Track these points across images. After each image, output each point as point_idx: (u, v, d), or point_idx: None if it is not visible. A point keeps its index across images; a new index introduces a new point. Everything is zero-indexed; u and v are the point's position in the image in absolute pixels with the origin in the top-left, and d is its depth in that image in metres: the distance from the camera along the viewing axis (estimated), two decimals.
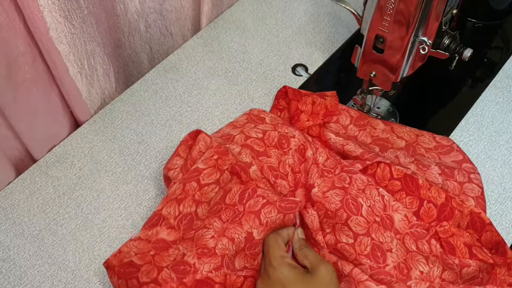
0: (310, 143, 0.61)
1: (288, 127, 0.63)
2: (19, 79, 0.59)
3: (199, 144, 0.61)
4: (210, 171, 0.59)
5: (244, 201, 0.54)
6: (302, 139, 0.61)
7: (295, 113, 0.66)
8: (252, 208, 0.54)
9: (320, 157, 0.60)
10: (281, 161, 0.60)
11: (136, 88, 0.73)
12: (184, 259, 0.52)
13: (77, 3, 0.59)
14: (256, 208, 0.54)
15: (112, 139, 0.68)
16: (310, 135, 0.64)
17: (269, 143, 0.62)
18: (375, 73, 0.61)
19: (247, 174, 0.58)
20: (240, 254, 0.53)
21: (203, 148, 0.61)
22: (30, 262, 0.59)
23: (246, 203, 0.54)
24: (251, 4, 0.83)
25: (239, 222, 0.53)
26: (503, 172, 0.65)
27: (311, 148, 0.60)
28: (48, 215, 0.62)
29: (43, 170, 0.66)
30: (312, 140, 0.62)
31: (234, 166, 0.58)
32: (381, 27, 0.56)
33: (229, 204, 0.55)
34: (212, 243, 0.53)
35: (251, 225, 0.53)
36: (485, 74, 0.70)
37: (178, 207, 0.57)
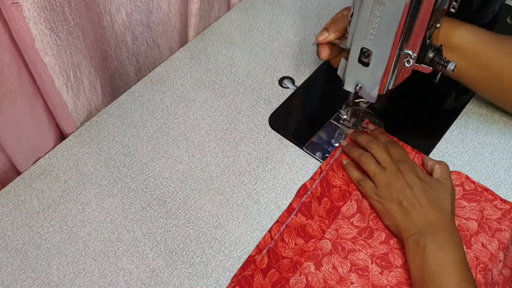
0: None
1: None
2: (3, 91, 0.59)
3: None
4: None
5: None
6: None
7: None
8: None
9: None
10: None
11: (122, 100, 0.73)
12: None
13: (63, 15, 0.59)
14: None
15: (98, 151, 0.68)
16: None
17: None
18: (361, 86, 0.61)
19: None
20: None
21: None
22: (13, 276, 0.58)
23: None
24: (238, 17, 0.83)
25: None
26: (488, 183, 0.65)
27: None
28: (32, 228, 0.61)
29: (27, 182, 0.65)
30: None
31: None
32: (366, 40, 0.56)
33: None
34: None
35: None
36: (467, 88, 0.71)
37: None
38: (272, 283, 0.57)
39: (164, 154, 0.68)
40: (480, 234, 0.60)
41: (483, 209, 0.62)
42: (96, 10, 0.67)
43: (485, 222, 0.61)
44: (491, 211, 0.62)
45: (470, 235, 0.60)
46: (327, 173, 0.64)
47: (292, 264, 0.58)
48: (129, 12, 0.72)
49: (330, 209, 0.62)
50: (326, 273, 0.58)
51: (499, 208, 0.62)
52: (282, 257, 0.58)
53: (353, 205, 0.63)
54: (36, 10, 0.55)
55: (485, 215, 0.61)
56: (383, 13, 0.53)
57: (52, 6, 0.56)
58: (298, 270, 0.58)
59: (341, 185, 0.64)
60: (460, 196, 0.63)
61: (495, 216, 0.61)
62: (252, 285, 0.56)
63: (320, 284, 0.57)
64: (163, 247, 0.60)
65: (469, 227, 0.60)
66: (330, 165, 0.65)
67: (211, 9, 0.80)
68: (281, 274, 0.57)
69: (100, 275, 0.58)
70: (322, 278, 0.57)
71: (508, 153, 0.68)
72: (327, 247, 0.59)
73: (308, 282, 0.57)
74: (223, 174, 0.66)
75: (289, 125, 0.72)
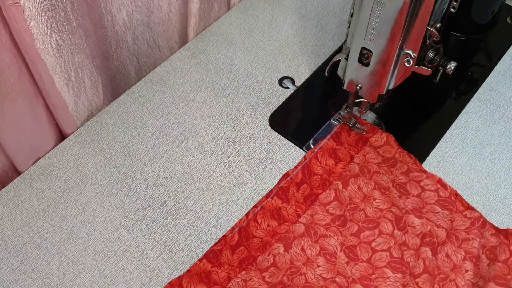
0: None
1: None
2: (4, 91, 0.59)
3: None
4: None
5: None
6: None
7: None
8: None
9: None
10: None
11: (123, 100, 0.73)
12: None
13: (66, 15, 0.59)
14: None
15: (98, 151, 0.68)
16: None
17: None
18: (361, 86, 0.61)
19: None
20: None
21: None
22: (13, 276, 0.58)
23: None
24: (238, 17, 0.83)
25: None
26: (487, 183, 0.65)
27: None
28: (32, 228, 0.61)
29: (27, 182, 0.65)
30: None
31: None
32: (366, 40, 0.56)
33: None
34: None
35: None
36: (468, 87, 0.71)
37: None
38: (239, 260, 0.58)
39: (164, 154, 0.68)
40: (447, 244, 0.60)
41: (454, 219, 0.62)
42: (97, 10, 0.67)
43: (453, 232, 0.61)
44: (460, 222, 0.62)
45: (438, 243, 0.60)
46: (310, 160, 0.65)
47: (262, 244, 0.59)
48: (129, 12, 0.72)
49: (308, 196, 0.63)
50: (294, 254, 0.59)
51: (468, 218, 0.62)
52: (253, 236, 0.59)
53: (331, 194, 0.63)
54: (38, 10, 0.55)
55: (454, 225, 0.61)
56: (383, 13, 0.53)
57: (54, 6, 0.56)
58: (267, 250, 0.59)
59: (323, 173, 0.65)
60: (434, 202, 0.63)
61: (464, 226, 0.61)
62: (220, 259, 0.58)
63: (286, 265, 0.58)
64: (163, 247, 0.60)
65: (438, 235, 0.60)
66: (314, 153, 0.66)
67: (211, 9, 0.80)
68: (249, 252, 0.59)
69: (100, 275, 0.58)
70: (289, 259, 0.59)
71: (508, 153, 0.68)
72: (300, 231, 0.61)
73: (275, 262, 0.58)
74: (223, 174, 0.66)
75: (289, 125, 0.72)
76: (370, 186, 0.64)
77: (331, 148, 0.66)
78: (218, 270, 0.57)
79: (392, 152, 0.67)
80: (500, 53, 0.79)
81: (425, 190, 0.64)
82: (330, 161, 0.65)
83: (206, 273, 0.57)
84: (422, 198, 0.64)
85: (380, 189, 0.64)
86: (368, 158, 0.66)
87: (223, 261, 0.58)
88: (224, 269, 0.57)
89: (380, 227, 0.61)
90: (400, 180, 0.65)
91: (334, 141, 0.67)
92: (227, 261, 0.58)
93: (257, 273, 0.58)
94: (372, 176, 0.65)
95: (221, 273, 0.57)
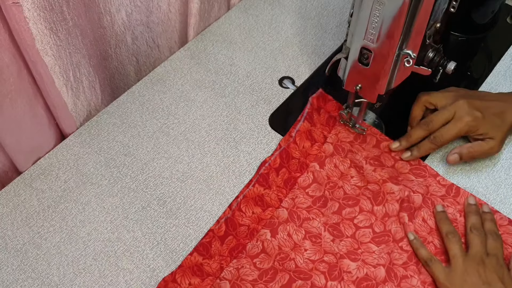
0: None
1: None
2: (4, 91, 0.59)
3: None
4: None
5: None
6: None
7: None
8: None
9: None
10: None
11: (122, 100, 0.73)
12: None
13: (62, 15, 0.59)
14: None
15: (98, 151, 0.68)
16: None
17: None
18: (361, 86, 0.61)
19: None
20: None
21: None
22: (13, 276, 0.58)
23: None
24: (238, 17, 0.83)
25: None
26: (488, 183, 0.65)
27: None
28: (32, 228, 0.61)
29: (27, 182, 0.65)
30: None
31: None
32: (366, 40, 0.56)
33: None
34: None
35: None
36: (468, 87, 0.71)
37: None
38: (229, 249, 0.59)
39: (164, 154, 0.68)
40: (423, 208, 0.62)
41: (429, 185, 0.64)
42: (96, 10, 0.67)
43: (429, 197, 0.63)
44: (436, 188, 0.64)
45: (414, 208, 0.62)
46: (288, 145, 0.66)
47: (249, 231, 0.60)
48: (129, 12, 0.72)
49: (287, 180, 0.64)
50: (281, 240, 0.60)
51: (442, 185, 0.65)
52: (240, 225, 0.61)
53: (310, 176, 0.65)
54: (36, 10, 0.55)
55: (431, 190, 0.64)
56: (383, 13, 0.53)
57: (51, 6, 0.56)
58: (255, 236, 0.60)
59: (300, 157, 0.66)
60: (408, 171, 0.65)
61: (440, 193, 0.64)
62: (210, 251, 0.59)
63: (275, 251, 0.60)
64: (163, 247, 0.60)
65: (414, 200, 0.63)
66: (293, 138, 0.67)
67: (211, 9, 0.80)
68: (238, 241, 0.60)
69: (100, 275, 0.58)
70: (277, 245, 0.60)
71: (508, 153, 0.68)
72: (284, 216, 0.62)
73: (264, 248, 0.60)
74: (223, 174, 0.66)
75: (289, 125, 0.72)
76: (346, 164, 0.66)
77: (307, 130, 0.68)
78: (210, 262, 0.58)
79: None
80: (500, 53, 0.79)
81: (397, 161, 0.66)
82: (307, 143, 0.67)
83: (198, 266, 0.58)
84: (396, 168, 0.66)
85: (355, 167, 0.66)
86: (340, 137, 0.68)
87: (213, 252, 0.59)
88: (216, 260, 0.58)
89: (360, 205, 0.63)
90: (373, 154, 0.67)
91: (308, 122, 0.69)
92: (217, 252, 0.59)
93: (248, 260, 0.59)
94: (347, 154, 0.67)
95: (213, 264, 0.58)
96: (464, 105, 0.63)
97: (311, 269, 0.59)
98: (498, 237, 0.58)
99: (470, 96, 0.64)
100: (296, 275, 0.58)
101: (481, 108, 0.63)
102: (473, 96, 0.65)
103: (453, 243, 0.58)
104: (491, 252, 0.56)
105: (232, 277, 0.57)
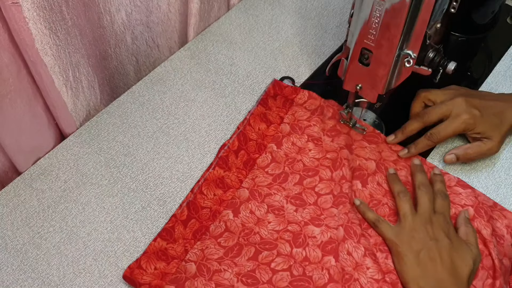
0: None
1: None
2: (3, 91, 0.59)
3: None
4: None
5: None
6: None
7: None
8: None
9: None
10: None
11: (122, 100, 0.73)
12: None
13: (61, 15, 0.58)
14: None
15: (98, 151, 0.68)
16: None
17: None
18: (361, 86, 0.61)
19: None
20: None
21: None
22: (13, 276, 0.58)
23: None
24: (238, 17, 0.83)
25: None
26: (488, 183, 0.65)
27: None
28: (32, 228, 0.61)
29: (27, 182, 0.65)
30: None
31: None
32: (366, 40, 0.56)
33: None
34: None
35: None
36: (468, 87, 0.71)
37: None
38: (193, 232, 0.60)
39: (164, 154, 0.68)
40: (377, 174, 0.64)
41: (382, 150, 0.66)
42: (95, 10, 0.67)
43: (382, 163, 0.65)
44: (388, 153, 0.66)
45: (368, 174, 0.64)
46: (244, 127, 0.68)
47: (212, 213, 0.61)
48: (128, 12, 0.72)
49: (247, 161, 0.66)
50: (244, 218, 0.61)
51: (394, 151, 0.67)
52: (202, 208, 0.62)
53: (268, 157, 0.66)
54: (36, 10, 0.54)
55: (383, 156, 0.66)
56: (383, 13, 0.53)
57: (51, 5, 0.56)
58: (217, 218, 0.61)
59: (257, 138, 0.67)
60: (361, 138, 0.67)
61: (392, 158, 0.66)
62: (174, 235, 0.59)
63: (238, 228, 0.61)
64: None
65: (368, 167, 0.65)
66: (247, 120, 0.69)
67: (211, 9, 0.80)
68: (201, 223, 0.61)
69: (100, 275, 0.58)
70: (240, 223, 0.61)
71: (508, 153, 0.68)
72: (245, 195, 0.63)
73: (227, 227, 0.61)
74: None
75: None
76: (303, 140, 0.67)
77: (261, 113, 0.69)
78: (174, 246, 0.59)
79: (317, 103, 0.71)
80: (500, 53, 0.79)
81: (351, 129, 0.68)
82: (262, 125, 0.69)
83: (163, 251, 0.59)
84: (351, 135, 0.67)
85: (313, 140, 0.67)
86: (297, 117, 0.70)
87: (177, 236, 0.60)
88: (180, 243, 0.59)
89: (320, 174, 0.65)
90: (330, 125, 0.68)
91: (263, 106, 0.70)
92: (181, 236, 0.60)
93: (212, 240, 0.60)
94: (304, 131, 0.68)
95: (177, 247, 0.59)
96: (462, 102, 0.63)
97: (276, 239, 0.60)
98: (446, 197, 0.61)
99: (470, 95, 0.64)
100: (261, 246, 0.59)
101: (480, 107, 0.63)
102: (473, 95, 0.65)
103: (404, 202, 0.60)
104: (439, 211, 0.59)
105: (198, 258, 0.58)
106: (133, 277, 0.56)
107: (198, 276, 0.57)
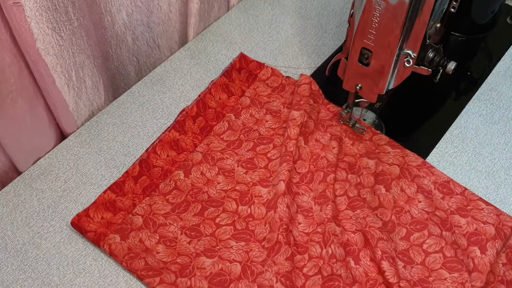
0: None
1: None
2: (5, 91, 0.59)
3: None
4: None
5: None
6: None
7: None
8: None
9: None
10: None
11: (123, 100, 0.73)
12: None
13: (67, 16, 0.59)
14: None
15: (98, 151, 0.68)
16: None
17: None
18: (361, 86, 0.61)
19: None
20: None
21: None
22: (13, 276, 0.58)
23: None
24: (238, 17, 0.83)
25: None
26: (487, 183, 0.65)
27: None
28: (32, 228, 0.61)
29: (27, 182, 0.65)
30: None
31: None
32: (366, 40, 0.56)
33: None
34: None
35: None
36: (468, 87, 0.71)
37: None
38: (142, 188, 0.63)
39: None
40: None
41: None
42: (97, 11, 0.67)
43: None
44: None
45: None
46: (204, 95, 0.70)
47: (163, 172, 0.64)
48: (129, 12, 0.72)
49: (204, 127, 0.68)
50: (194, 179, 0.64)
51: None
52: (153, 166, 0.64)
53: (225, 125, 0.69)
54: (39, 10, 0.55)
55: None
56: (383, 13, 0.53)
57: (55, 6, 0.56)
58: (168, 177, 0.63)
59: (216, 107, 0.70)
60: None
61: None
62: (123, 189, 0.62)
63: (187, 187, 0.63)
64: None
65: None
66: (208, 89, 0.70)
67: (211, 9, 0.80)
68: (151, 181, 0.63)
69: (100, 275, 0.58)
70: (190, 183, 0.64)
71: (508, 153, 0.68)
72: (198, 158, 0.66)
73: (177, 186, 0.63)
74: None
75: None
76: (261, 112, 0.70)
77: (223, 84, 0.71)
78: (123, 199, 0.61)
79: (279, 80, 0.73)
80: (500, 53, 0.79)
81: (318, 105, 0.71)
82: (223, 95, 0.71)
83: (111, 202, 0.61)
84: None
85: (271, 113, 0.69)
86: (258, 92, 0.72)
87: (126, 190, 0.62)
88: (129, 197, 0.61)
89: (274, 142, 0.67)
90: (290, 99, 0.71)
91: (226, 78, 0.72)
92: (130, 190, 0.62)
93: (161, 197, 0.62)
94: (264, 105, 0.70)
95: (125, 201, 0.61)
96: None
97: (223, 197, 0.62)
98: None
99: None
100: (208, 204, 0.62)
101: None
102: None
103: None
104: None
105: (145, 212, 0.61)
106: (80, 224, 0.59)
107: (144, 228, 0.60)
